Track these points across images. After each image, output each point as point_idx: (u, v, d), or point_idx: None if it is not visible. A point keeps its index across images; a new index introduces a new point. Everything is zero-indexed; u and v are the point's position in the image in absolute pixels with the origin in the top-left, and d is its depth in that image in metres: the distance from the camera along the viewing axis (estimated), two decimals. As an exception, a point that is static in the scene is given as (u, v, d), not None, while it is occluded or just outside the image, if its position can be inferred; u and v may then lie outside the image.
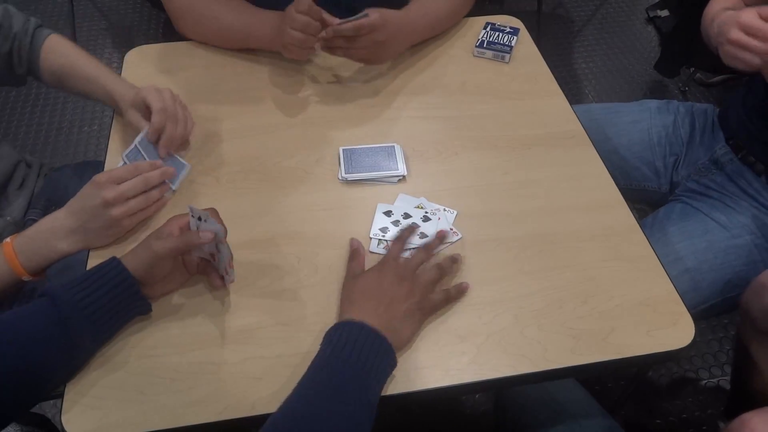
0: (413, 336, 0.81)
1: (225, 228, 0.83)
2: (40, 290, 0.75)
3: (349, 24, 1.05)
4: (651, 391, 1.60)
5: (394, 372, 0.78)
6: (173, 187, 0.97)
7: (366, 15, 1.04)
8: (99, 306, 0.75)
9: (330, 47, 1.10)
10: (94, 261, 0.88)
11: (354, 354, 0.72)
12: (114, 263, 0.77)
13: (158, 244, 0.79)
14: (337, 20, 1.05)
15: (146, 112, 0.98)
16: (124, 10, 2.73)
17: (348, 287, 0.84)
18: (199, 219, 0.81)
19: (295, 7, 1.03)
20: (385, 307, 0.80)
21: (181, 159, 1.00)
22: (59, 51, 1.10)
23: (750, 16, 0.93)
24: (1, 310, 1.02)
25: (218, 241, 0.80)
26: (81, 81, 1.07)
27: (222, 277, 0.85)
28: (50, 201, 1.13)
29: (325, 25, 1.06)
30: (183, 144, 1.03)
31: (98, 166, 1.01)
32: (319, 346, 0.76)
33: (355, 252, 0.89)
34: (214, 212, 0.84)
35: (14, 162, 1.13)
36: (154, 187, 0.92)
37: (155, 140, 0.96)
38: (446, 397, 1.29)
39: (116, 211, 0.87)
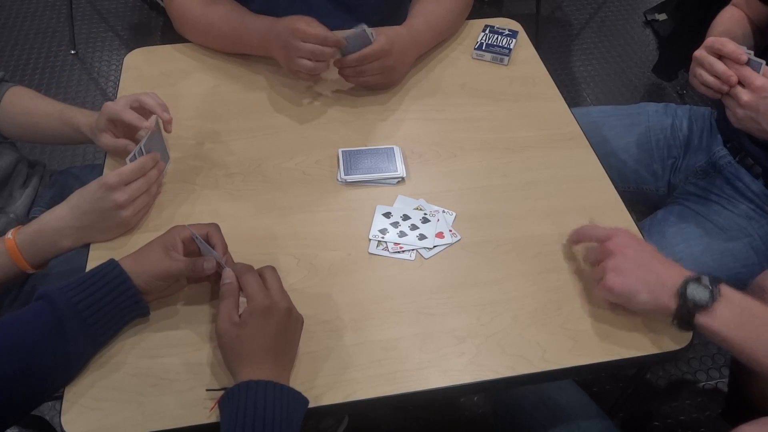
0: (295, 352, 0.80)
1: (225, 244, 0.84)
2: (37, 293, 0.75)
3: (354, 55, 1.05)
4: (649, 394, 1.60)
5: (392, 373, 0.79)
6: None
7: (363, 28, 1.04)
8: (96, 309, 0.75)
9: (343, 75, 1.11)
10: (94, 254, 0.90)
11: (259, 419, 0.67)
12: (112, 266, 0.77)
13: (166, 263, 0.79)
14: (342, 41, 1.04)
15: (116, 129, 0.98)
16: (123, 13, 2.74)
17: (232, 339, 0.74)
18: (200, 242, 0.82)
19: (301, 38, 1.03)
20: (278, 349, 0.75)
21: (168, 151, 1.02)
22: (22, 96, 1.12)
23: (701, 51, 0.99)
24: (2, 302, 1.03)
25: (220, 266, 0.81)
26: (44, 119, 1.08)
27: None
28: (54, 200, 1.13)
29: (332, 44, 1.04)
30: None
31: (102, 170, 1.02)
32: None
33: (231, 290, 0.78)
34: (215, 228, 0.85)
35: (15, 160, 1.14)
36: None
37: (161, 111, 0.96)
38: (445, 398, 1.28)
39: (127, 212, 0.89)
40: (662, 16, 2.70)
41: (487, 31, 1.27)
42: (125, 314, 0.79)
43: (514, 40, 1.25)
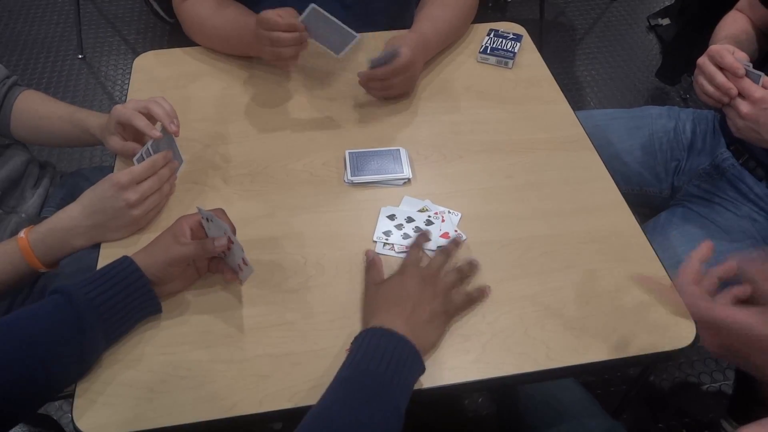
0: (439, 339, 0.82)
1: (233, 226, 0.85)
2: (52, 288, 0.76)
3: (384, 69, 1.07)
4: (653, 395, 1.60)
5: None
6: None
7: (396, 52, 1.05)
8: (112, 304, 0.76)
9: (369, 89, 1.12)
10: (105, 253, 0.91)
11: (383, 365, 0.72)
12: (127, 262, 0.78)
13: (175, 249, 0.80)
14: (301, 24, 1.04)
15: (125, 132, 0.99)
16: (130, 18, 2.76)
17: (371, 296, 0.84)
18: (207, 220, 0.83)
19: (261, 26, 1.04)
20: (411, 312, 0.79)
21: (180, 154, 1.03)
22: (34, 99, 1.14)
23: (704, 59, 1.01)
24: (14, 299, 1.04)
25: (228, 239, 0.82)
26: (56, 122, 1.10)
27: (234, 271, 0.86)
28: (64, 201, 1.15)
29: (285, 27, 1.03)
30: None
31: (111, 171, 1.03)
32: (343, 352, 0.76)
33: (372, 262, 0.89)
34: (221, 212, 0.86)
35: (26, 160, 1.16)
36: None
37: (170, 124, 0.96)
38: (450, 397, 1.29)
39: (138, 211, 0.90)
40: (665, 21, 2.72)
41: (491, 35, 1.28)
42: (139, 310, 0.80)
43: (518, 44, 1.26)
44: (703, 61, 1.01)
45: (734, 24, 1.21)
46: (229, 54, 1.24)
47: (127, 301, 0.77)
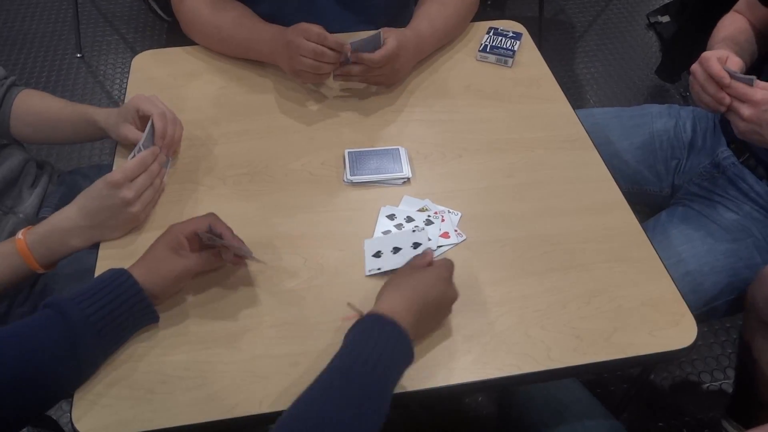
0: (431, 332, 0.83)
1: (230, 229, 0.85)
2: (47, 301, 0.75)
3: (370, 56, 1.06)
4: (653, 394, 1.60)
5: (400, 371, 0.79)
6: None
7: (377, 39, 1.04)
8: (109, 320, 0.75)
9: (346, 74, 1.10)
10: (104, 254, 0.91)
11: (373, 356, 0.71)
12: (124, 277, 0.77)
13: (180, 263, 0.80)
14: (348, 46, 1.05)
15: (139, 122, 1.00)
16: (128, 17, 2.75)
17: (401, 272, 0.83)
18: (217, 236, 0.83)
19: (305, 36, 1.04)
20: (423, 306, 0.79)
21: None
22: (33, 97, 1.14)
23: (697, 67, 1.02)
24: (14, 300, 1.04)
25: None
26: (57, 115, 1.10)
27: (236, 255, 0.86)
28: (63, 200, 1.14)
29: (336, 51, 1.05)
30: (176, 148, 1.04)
31: (109, 169, 1.02)
32: (339, 341, 0.75)
33: (427, 252, 0.87)
34: (215, 217, 0.85)
35: (23, 160, 1.16)
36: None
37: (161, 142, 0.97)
38: (450, 397, 1.28)
39: (135, 207, 0.90)
40: (665, 18, 2.71)
41: (491, 34, 1.28)
42: (137, 323, 0.80)
43: (518, 42, 1.26)
44: (696, 68, 1.02)
45: (732, 25, 1.20)
46: (229, 55, 1.23)
47: (125, 316, 0.77)
